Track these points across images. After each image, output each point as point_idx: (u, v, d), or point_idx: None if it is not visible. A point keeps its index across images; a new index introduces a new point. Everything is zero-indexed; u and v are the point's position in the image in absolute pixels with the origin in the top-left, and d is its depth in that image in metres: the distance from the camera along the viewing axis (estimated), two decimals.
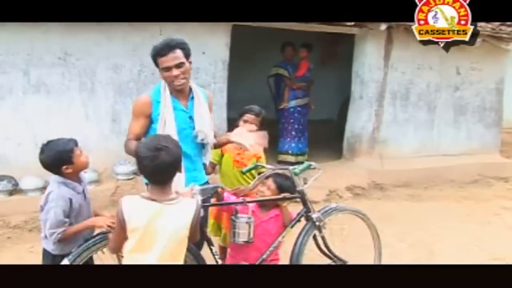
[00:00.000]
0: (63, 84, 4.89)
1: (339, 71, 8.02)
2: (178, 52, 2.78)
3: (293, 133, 6.66)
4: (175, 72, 2.78)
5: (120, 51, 5.04)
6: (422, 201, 5.99)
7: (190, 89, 2.98)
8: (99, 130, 5.12)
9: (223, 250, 3.59)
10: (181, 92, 2.91)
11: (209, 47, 5.32)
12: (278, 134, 6.74)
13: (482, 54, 6.75)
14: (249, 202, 3.04)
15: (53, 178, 2.67)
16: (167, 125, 2.83)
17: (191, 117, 2.94)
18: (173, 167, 2.17)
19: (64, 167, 2.60)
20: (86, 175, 4.64)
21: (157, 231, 2.14)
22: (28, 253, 4.09)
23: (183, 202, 2.21)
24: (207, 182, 3.10)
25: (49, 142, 2.64)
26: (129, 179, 5.04)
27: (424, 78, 6.65)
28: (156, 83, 2.97)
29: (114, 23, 4.79)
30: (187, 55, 2.83)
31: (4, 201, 4.55)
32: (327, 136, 7.83)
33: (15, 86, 4.73)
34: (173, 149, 2.16)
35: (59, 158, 2.58)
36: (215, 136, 3.10)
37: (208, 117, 3.01)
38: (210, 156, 3.31)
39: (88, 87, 5.00)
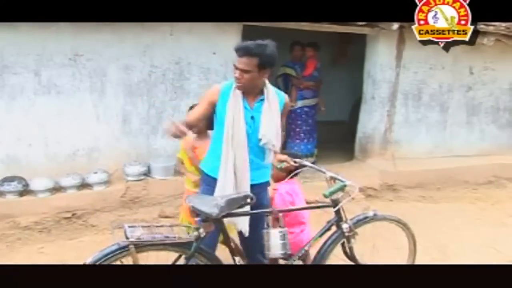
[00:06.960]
0: (74, 85, 4.88)
1: (351, 71, 7.95)
2: (252, 60, 2.83)
3: (302, 134, 6.56)
4: (237, 74, 2.86)
5: (130, 52, 5.02)
6: (435, 203, 5.93)
7: (262, 91, 2.98)
8: (109, 131, 5.09)
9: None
10: (246, 92, 2.94)
11: (219, 48, 5.27)
12: (286, 135, 6.64)
13: (495, 54, 6.67)
14: (279, 212, 2.95)
15: None
16: (235, 122, 2.87)
17: (252, 117, 2.93)
18: None
19: None
20: (96, 176, 4.73)
21: None
22: (38, 254, 4.09)
23: None
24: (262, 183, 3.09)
25: None
26: (139, 180, 5.01)
27: (436, 78, 6.58)
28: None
29: (125, 24, 4.78)
30: (263, 65, 2.87)
31: (15, 202, 4.54)
32: (339, 137, 7.78)
33: (26, 87, 4.72)
34: None
35: None
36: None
37: (275, 123, 2.97)
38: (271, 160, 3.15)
39: (99, 88, 4.98)
